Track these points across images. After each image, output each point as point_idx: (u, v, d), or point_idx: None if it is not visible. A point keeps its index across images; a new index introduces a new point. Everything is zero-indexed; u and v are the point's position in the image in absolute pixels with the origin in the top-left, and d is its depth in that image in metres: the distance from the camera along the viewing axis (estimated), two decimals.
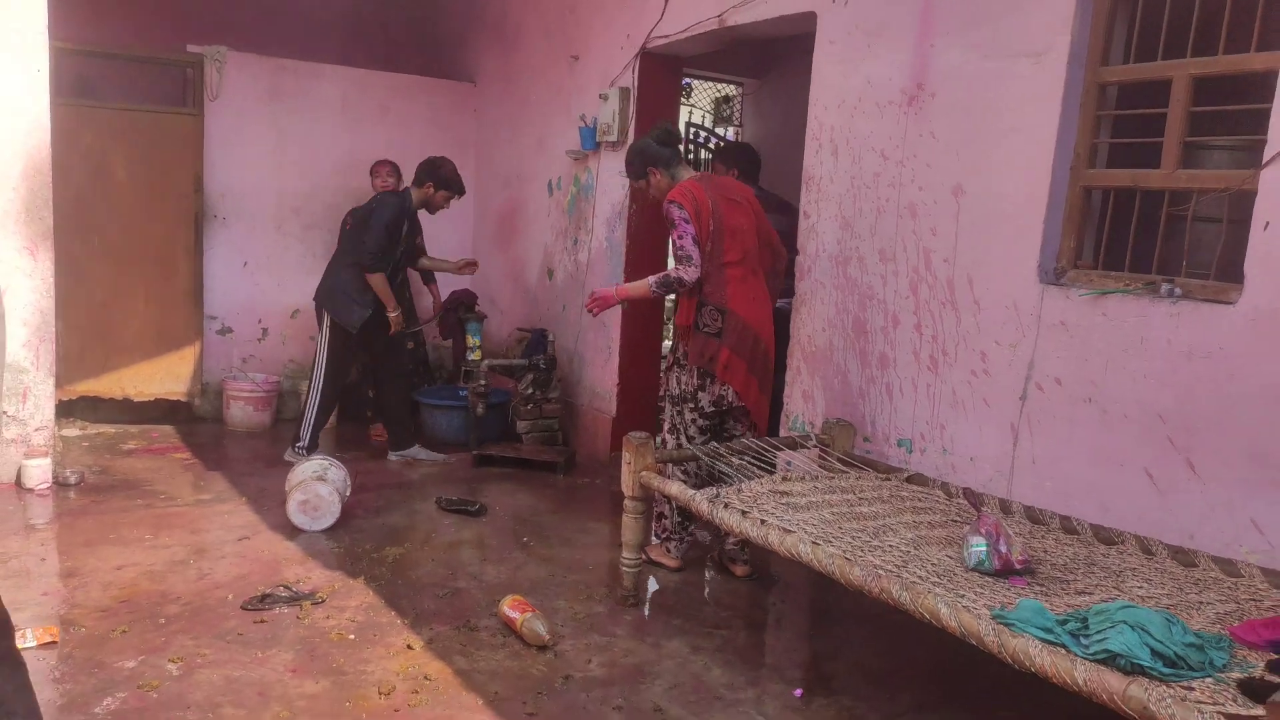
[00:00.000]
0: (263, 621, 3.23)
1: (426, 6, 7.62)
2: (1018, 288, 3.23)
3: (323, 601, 3.41)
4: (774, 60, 6.98)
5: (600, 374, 5.61)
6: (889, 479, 3.46)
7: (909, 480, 3.46)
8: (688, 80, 7.39)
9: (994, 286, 3.32)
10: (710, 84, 8.06)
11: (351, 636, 3.16)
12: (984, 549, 2.62)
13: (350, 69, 6.59)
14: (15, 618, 3.13)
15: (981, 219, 3.36)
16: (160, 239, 6.03)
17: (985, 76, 3.33)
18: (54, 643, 2.99)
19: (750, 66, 7.15)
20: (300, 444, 5.18)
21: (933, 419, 3.56)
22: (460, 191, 5.22)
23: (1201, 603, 2.36)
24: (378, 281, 4.98)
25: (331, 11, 7.38)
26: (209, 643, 3.05)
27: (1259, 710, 1.77)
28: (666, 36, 4.94)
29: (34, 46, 4.45)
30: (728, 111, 8.32)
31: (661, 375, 3.90)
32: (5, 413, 4.59)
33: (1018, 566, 2.60)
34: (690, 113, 7.89)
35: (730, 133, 7.98)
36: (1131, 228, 3.02)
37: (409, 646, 3.10)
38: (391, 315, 5.06)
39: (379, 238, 4.97)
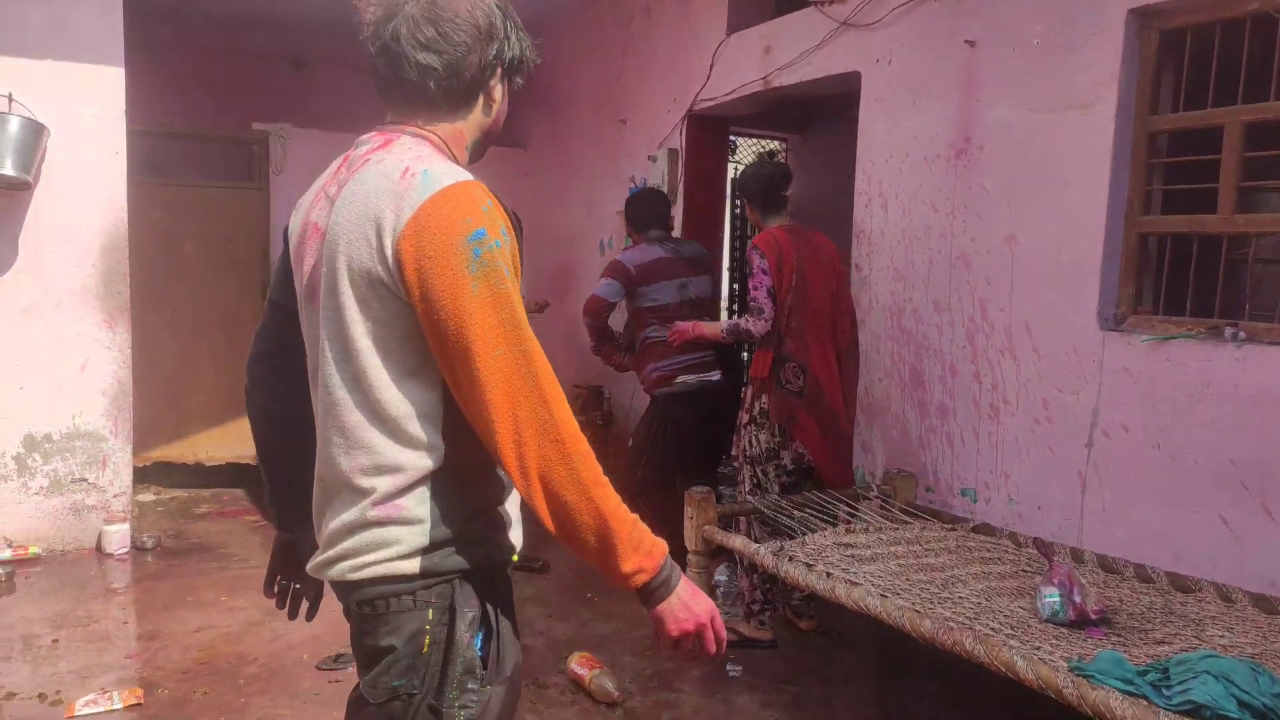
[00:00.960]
0: (337, 681, 3.29)
1: None
2: (1077, 335, 3.24)
3: None
4: (817, 115, 7.09)
5: None
6: (954, 529, 3.44)
7: (975, 530, 3.44)
8: (731, 137, 7.54)
9: (1053, 334, 3.33)
10: (754, 139, 8.20)
11: None
12: (1058, 599, 2.60)
13: None
14: (100, 681, 3.24)
15: (1037, 268, 3.39)
16: (227, 309, 6.25)
17: (1034, 129, 3.37)
18: (139, 705, 3.08)
19: (794, 122, 7.27)
20: None
21: (996, 468, 3.55)
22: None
23: None
24: None
25: None
26: (286, 703, 3.12)
27: None
28: (713, 99, 5.08)
29: (113, 130, 4.71)
30: None
31: (735, 435, 3.80)
32: (86, 480, 4.77)
33: (1093, 616, 2.57)
34: (735, 169, 8.02)
35: None
36: (1191, 272, 3.03)
37: None
38: None
39: None
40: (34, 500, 4.64)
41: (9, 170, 4.21)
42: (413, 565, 1.35)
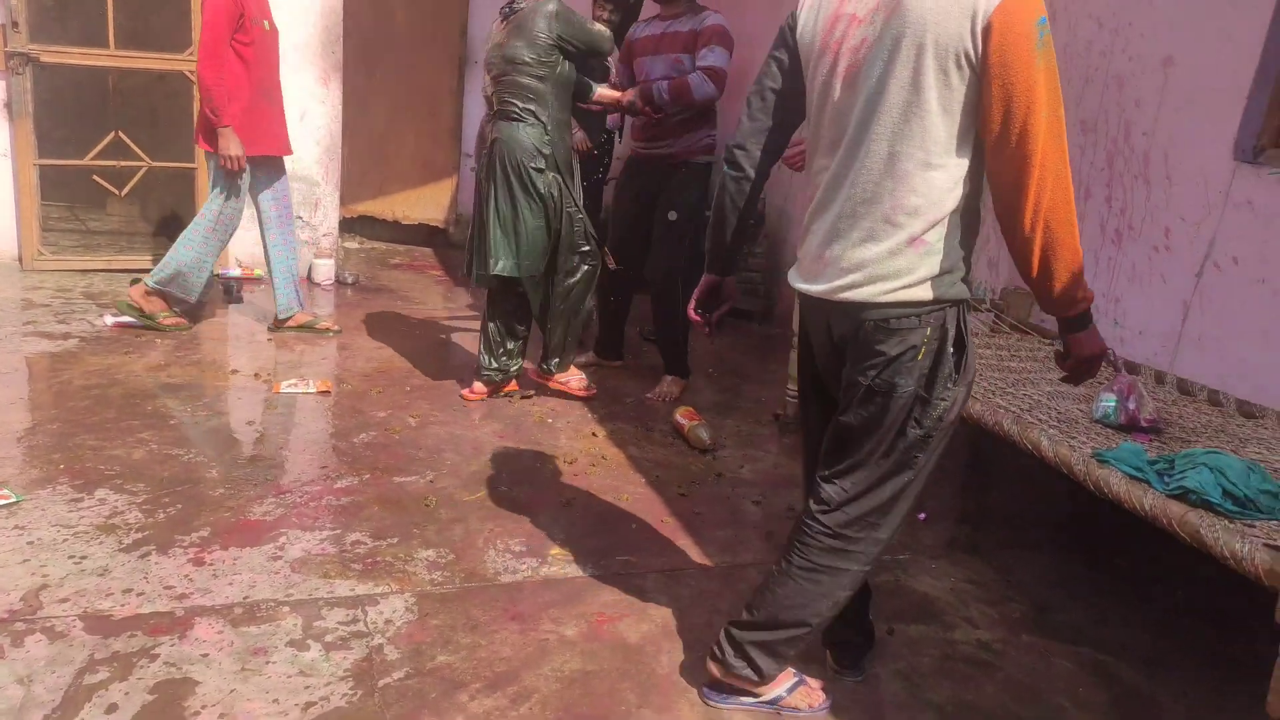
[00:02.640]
0: (482, 401, 3.92)
1: None
2: (1211, 164, 3.19)
3: (531, 395, 4.05)
4: None
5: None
6: (1054, 344, 3.58)
7: None
8: None
9: (1188, 162, 3.29)
10: None
11: (550, 420, 3.78)
12: (1113, 404, 2.78)
13: None
14: (300, 371, 4.01)
15: (1187, 92, 3.30)
16: (429, 79, 6.80)
17: None
18: (328, 392, 3.82)
19: None
20: None
21: (1109, 292, 3.61)
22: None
23: None
24: None
25: None
26: (440, 409, 3.78)
27: None
28: None
29: None
30: None
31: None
32: (301, 218, 5.55)
33: (1144, 424, 2.75)
34: None
35: None
36: None
37: (594, 434, 3.69)
38: None
39: None
40: (257, 232, 5.46)
41: None
42: (926, 291, 1.74)
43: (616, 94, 3.94)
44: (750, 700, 2.09)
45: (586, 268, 3.81)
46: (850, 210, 1.78)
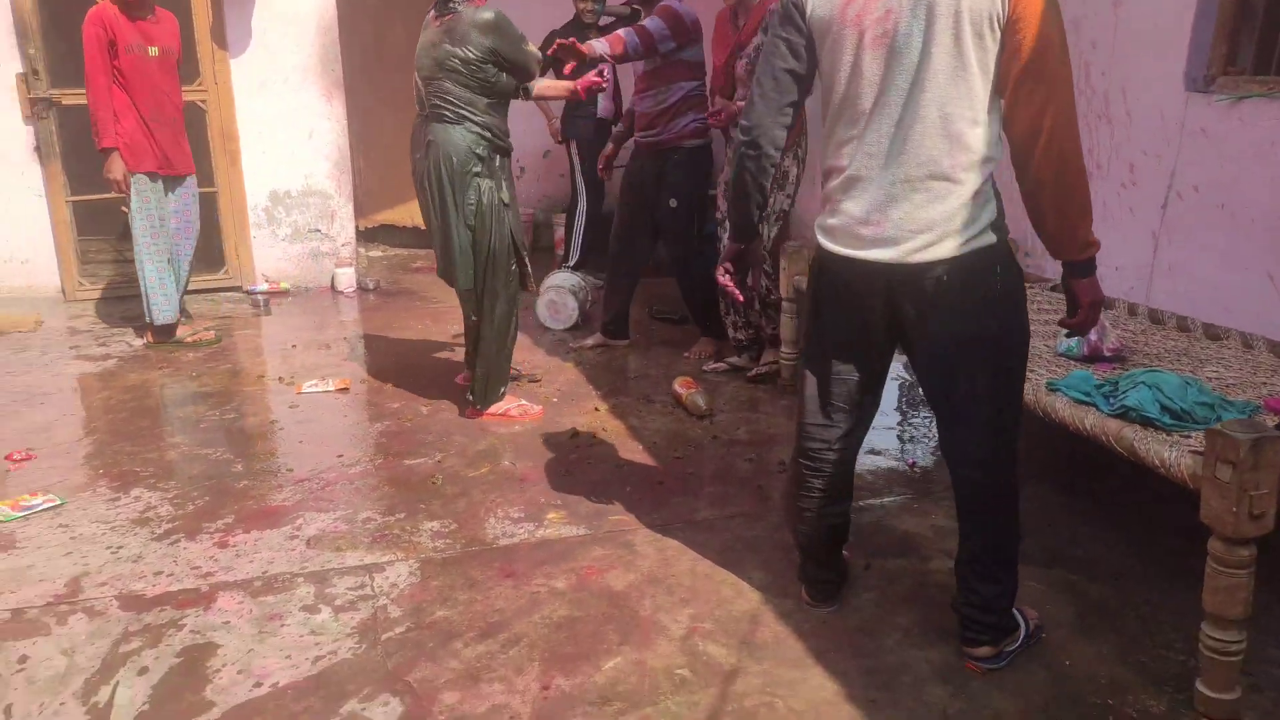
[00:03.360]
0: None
1: None
2: (1165, 97, 3.27)
3: (539, 380, 4.24)
4: None
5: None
6: (1033, 287, 3.67)
7: (1053, 289, 3.66)
8: None
9: (1144, 97, 3.36)
10: None
11: (555, 400, 3.97)
12: (1075, 337, 2.88)
13: None
14: (321, 372, 4.25)
15: (1137, 30, 3.38)
16: None
17: None
18: (346, 389, 4.05)
19: None
20: (568, 263, 5.90)
21: None
22: None
23: (1263, 384, 2.53)
24: None
25: None
26: (452, 396, 3.98)
27: None
28: None
29: None
30: None
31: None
32: (319, 230, 5.82)
33: (1107, 354, 2.85)
34: None
35: None
36: None
37: (596, 409, 3.86)
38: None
39: None
40: (281, 245, 5.75)
41: None
42: (991, 236, 1.91)
43: (562, 83, 3.87)
44: (1012, 648, 2.18)
45: (509, 291, 3.61)
46: (906, 175, 1.88)
